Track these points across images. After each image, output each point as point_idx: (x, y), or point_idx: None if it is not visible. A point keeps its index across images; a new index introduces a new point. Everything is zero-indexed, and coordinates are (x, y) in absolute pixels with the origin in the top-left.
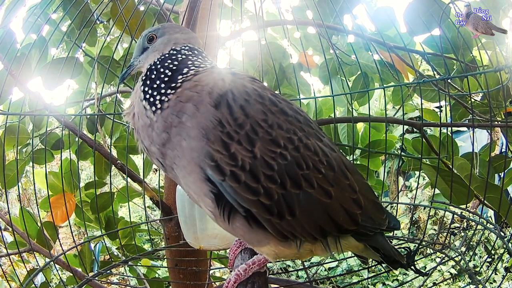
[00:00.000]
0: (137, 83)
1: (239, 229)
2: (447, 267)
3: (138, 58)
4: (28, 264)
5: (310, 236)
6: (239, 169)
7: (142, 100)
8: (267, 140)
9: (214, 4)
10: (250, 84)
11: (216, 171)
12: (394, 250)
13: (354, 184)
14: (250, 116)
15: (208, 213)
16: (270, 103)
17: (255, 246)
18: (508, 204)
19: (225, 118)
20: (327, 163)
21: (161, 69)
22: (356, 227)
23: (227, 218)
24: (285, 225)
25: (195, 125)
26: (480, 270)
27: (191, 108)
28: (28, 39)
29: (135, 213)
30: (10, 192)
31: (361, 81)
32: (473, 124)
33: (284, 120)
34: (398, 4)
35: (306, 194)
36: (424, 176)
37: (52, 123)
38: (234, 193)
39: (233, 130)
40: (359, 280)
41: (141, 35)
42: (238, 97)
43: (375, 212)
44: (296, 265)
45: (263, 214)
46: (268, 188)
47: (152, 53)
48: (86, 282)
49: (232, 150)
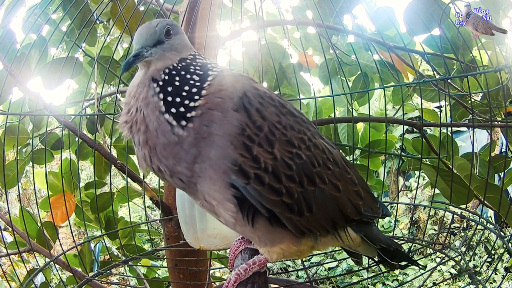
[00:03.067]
0: (141, 87)
1: (258, 231)
2: (447, 267)
3: (150, 49)
4: (28, 264)
5: (323, 229)
6: (263, 171)
7: (164, 114)
8: (284, 141)
9: (214, 4)
10: (258, 86)
11: (240, 175)
12: (389, 239)
13: (354, 177)
14: (266, 118)
15: (228, 218)
16: (280, 104)
17: (267, 246)
18: (508, 204)
19: (245, 122)
20: (332, 159)
21: (187, 75)
22: (360, 217)
23: (251, 221)
24: (303, 222)
25: (223, 133)
26: (480, 270)
27: (219, 115)
28: (28, 39)
29: (135, 213)
30: (10, 192)
31: (361, 81)
32: (473, 124)
33: (294, 121)
34: (398, 4)
35: (320, 190)
36: (424, 176)
37: (52, 123)
38: (259, 196)
39: (253, 133)
40: (359, 280)
41: (152, 23)
42: (253, 100)
43: (371, 202)
44: (296, 265)
45: (285, 213)
46: (289, 187)
47: (170, 52)
48: (86, 282)
49: (255, 153)
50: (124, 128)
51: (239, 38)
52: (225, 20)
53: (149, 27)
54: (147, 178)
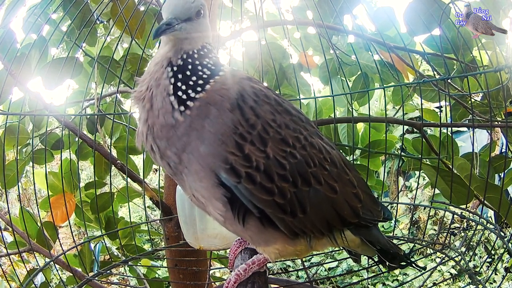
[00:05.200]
0: (158, 67)
1: (249, 230)
2: (447, 267)
3: (181, 23)
4: (28, 264)
5: (318, 232)
6: (254, 170)
7: (170, 96)
8: (278, 139)
9: (214, 4)
10: (255, 84)
11: (231, 174)
12: (390, 242)
13: (353, 179)
14: (260, 116)
15: (217, 216)
16: (276, 103)
17: (261, 246)
18: (508, 204)
19: (237, 120)
20: (330, 160)
21: (199, 66)
22: (358, 220)
23: (242, 220)
24: (296, 223)
25: (215, 131)
26: (480, 270)
27: (215, 112)
28: (28, 39)
29: (135, 213)
30: (10, 192)
31: (361, 81)
32: (473, 124)
33: (290, 120)
34: (398, 4)
35: (315, 190)
36: (424, 176)
37: (52, 123)
38: (250, 195)
39: (246, 131)
40: (359, 280)
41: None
42: (247, 97)
43: (372, 205)
44: (296, 265)
45: (277, 213)
46: (282, 187)
47: (195, 34)
48: (86, 282)
49: (246, 151)
50: (134, 102)
51: (239, 38)
52: (225, 20)
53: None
54: (147, 178)
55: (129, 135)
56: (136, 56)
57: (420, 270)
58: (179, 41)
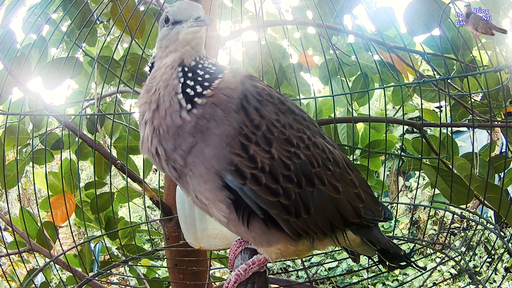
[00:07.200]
0: (168, 69)
1: (253, 232)
2: (447, 267)
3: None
4: (28, 264)
5: (321, 232)
6: (260, 171)
7: (178, 94)
8: (282, 140)
9: (214, 4)
10: (258, 83)
11: (236, 176)
12: (390, 242)
13: (355, 179)
14: (265, 117)
15: (220, 218)
16: (279, 102)
17: (263, 246)
18: (508, 204)
19: (242, 120)
20: (333, 160)
21: (208, 64)
22: (360, 220)
23: (246, 222)
24: (300, 223)
25: (220, 133)
26: (480, 270)
27: (221, 113)
28: (28, 39)
29: (135, 213)
30: (10, 192)
31: (361, 81)
32: (473, 124)
33: (293, 120)
34: (398, 4)
35: (318, 191)
36: (424, 176)
37: (52, 123)
38: (255, 196)
39: (251, 131)
40: (359, 280)
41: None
42: (251, 98)
43: (373, 205)
44: (296, 265)
45: (281, 214)
46: (286, 188)
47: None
48: (86, 282)
49: (251, 152)
50: (144, 106)
51: (239, 38)
52: (225, 20)
53: (199, 6)
54: (147, 178)
55: (129, 135)
56: (136, 56)
57: (420, 270)
58: (195, 46)
